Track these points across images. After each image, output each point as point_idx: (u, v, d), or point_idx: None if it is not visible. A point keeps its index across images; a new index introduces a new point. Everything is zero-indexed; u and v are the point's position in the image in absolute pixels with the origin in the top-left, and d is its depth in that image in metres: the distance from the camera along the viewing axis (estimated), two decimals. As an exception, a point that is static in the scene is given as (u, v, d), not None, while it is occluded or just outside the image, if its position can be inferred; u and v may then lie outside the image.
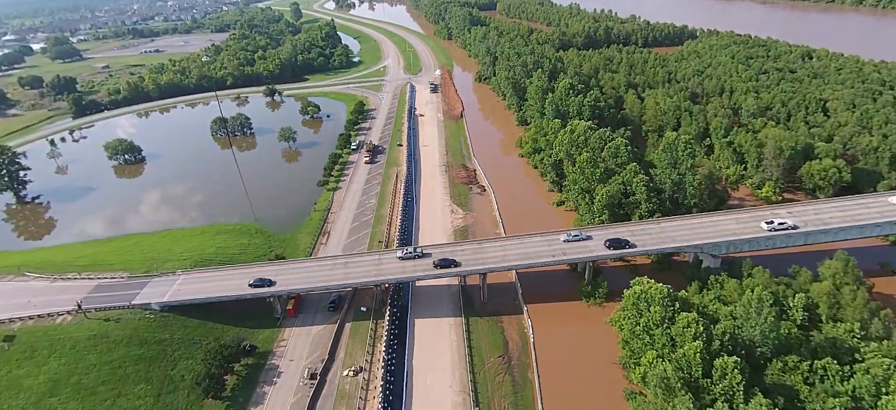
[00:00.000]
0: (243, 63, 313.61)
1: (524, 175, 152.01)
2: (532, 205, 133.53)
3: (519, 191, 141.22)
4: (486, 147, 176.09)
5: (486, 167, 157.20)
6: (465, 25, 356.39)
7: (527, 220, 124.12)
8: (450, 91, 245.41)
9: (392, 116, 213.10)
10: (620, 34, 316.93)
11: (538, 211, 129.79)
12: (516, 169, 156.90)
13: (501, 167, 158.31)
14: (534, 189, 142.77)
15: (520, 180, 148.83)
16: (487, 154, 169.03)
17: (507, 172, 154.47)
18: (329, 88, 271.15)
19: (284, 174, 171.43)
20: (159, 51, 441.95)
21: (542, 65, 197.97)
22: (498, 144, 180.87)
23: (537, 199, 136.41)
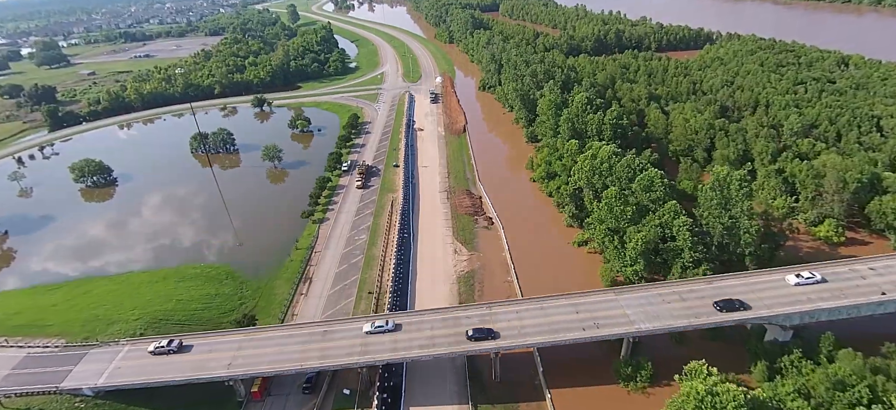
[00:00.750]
0: (233, 70, 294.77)
1: (537, 204, 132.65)
2: (549, 244, 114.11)
3: (532, 226, 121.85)
4: (492, 168, 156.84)
5: (494, 193, 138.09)
6: (467, 29, 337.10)
7: (544, 267, 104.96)
8: (451, 101, 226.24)
9: (388, 131, 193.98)
10: (632, 38, 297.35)
11: (557, 253, 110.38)
12: (528, 196, 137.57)
13: (510, 194, 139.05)
14: (549, 222, 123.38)
15: (532, 211, 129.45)
16: (494, 177, 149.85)
17: (518, 200, 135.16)
18: (322, 98, 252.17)
19: (267, 199, 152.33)
20: (149, 56, 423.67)
21: (553, 75, 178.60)
22: (505, 165, 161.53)
23: (554, 237, 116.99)
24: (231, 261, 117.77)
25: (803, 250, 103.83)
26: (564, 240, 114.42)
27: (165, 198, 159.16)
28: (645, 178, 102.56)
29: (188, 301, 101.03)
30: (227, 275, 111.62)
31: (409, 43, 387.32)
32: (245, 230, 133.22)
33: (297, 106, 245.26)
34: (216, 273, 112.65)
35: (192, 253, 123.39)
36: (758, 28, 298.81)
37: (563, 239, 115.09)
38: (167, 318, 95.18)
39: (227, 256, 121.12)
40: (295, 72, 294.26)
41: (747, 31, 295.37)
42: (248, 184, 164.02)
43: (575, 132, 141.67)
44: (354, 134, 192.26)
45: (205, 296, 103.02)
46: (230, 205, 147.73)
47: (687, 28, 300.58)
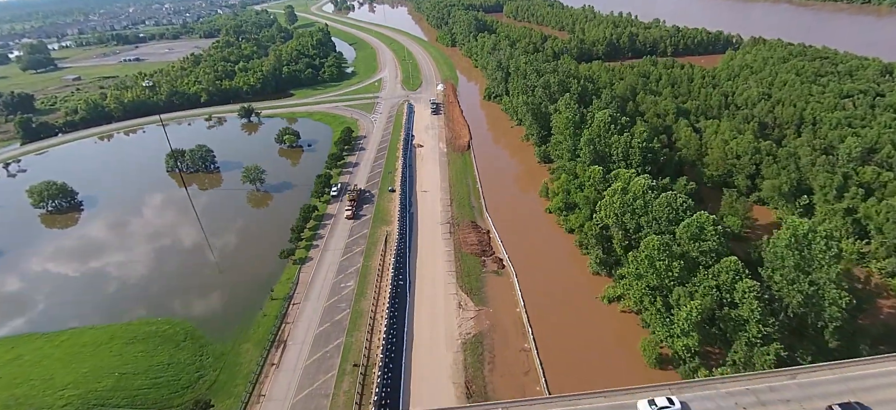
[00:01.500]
0: (221, 76, 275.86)
1: (555, 242, 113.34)
2: (572, 298, 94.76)
3: (551, 272, 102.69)
4: (501, 194, 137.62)
5: (503, 227, 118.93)
6: (471, 32, 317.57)
7: (569, 330, 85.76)
8: (454, 111, 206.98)
9: (384, 147, 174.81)
10: (646, 42, 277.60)
11: (584, 312, 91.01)
12: (543, 231, 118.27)
13: (523, 227, 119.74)
14: (571, 267, 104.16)
15: (550, 251, 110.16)
16: (503, 205, 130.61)
17: (532, 237, 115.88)
18: (315, 107, 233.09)
19: (244, 230, 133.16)
20: (140, 59, 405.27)
21: (568, 86, 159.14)
22: (516, 190, 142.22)
23: (580, 288, 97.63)
24: (196, 315, 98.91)
25: (884, 311, 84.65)
26: (591, 292, 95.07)
27: (132, 226, 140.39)
28: (693, 224, 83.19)
29: (134, 375, 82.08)
30: (186, 335, 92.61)
31: (409, 46, 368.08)
32: (214, 272, 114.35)
33: (288, 115, 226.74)
34: (174, 331, 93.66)
35: (154, 302, 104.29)
36: (775, 31, 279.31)
37: (590, 291, 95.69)
38: (104, 402, 76.38)
39: (194, 305, 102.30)
40: (287, 79, 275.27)
41: (763, 32, 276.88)
42: (225, 211, 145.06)
43: (597, 155, 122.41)
44: (347, 150, 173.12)
45: (155, 367, 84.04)
46: (203, 237, 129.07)
47: (705, 31, 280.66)
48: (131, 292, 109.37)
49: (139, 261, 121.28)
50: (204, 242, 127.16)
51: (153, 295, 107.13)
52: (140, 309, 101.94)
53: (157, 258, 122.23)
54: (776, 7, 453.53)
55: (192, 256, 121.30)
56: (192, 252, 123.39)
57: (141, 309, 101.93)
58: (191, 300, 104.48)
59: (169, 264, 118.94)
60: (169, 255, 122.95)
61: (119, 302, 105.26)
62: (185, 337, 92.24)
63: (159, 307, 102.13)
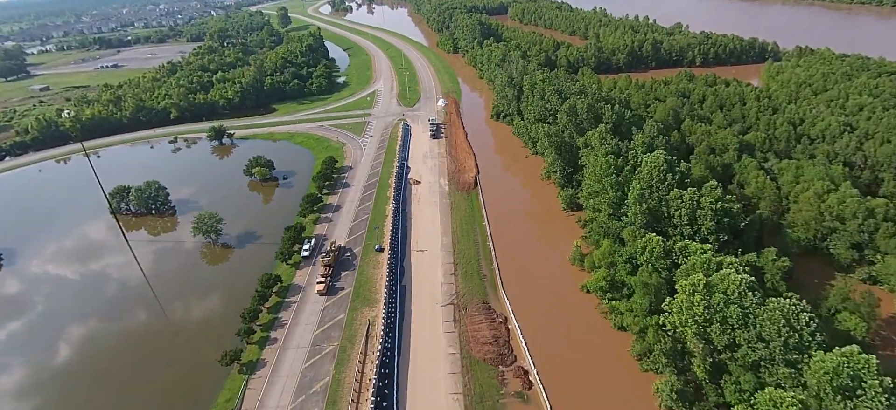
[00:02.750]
0: (196, 88, 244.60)
1: (601, 344, 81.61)
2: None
3: (602, 401, 71.36)
4: (520, 256, 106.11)
5: (526, 312, 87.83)
6: (475, 38, 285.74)
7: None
8: (457, 135, 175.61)
9: (373, 183, 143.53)
10: (672, 50, 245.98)
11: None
12: (582, 320, 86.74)
13: (553, 313, 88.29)
14: (631, 394, 72.52)
15: (596, 361, 78.37)
16: (524, 275, 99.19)
17: (567, 331, 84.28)
18: (298, 127, 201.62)
19: (189, 310, 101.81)
20: (117, 66, 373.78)
21: (600, 113, 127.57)
22: (539, 248, 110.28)
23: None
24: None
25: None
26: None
27: (55, 293, 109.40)
28: (840, 369, 51.91)
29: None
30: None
31: (407, 52, 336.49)
32: (130, 386, 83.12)
33: (267, 137, 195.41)
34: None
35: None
36: (807, 36, 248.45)
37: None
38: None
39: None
40: (271, 91, 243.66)
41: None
42: (168, 276, 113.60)
43: (651, 215, 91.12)
44: (327, 187, 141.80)
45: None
46: (134, 320, 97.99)
47: (737, 38, 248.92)
48: (37, 399, 78.36)
49: (51, 355, 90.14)
50: (135, 327, 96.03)
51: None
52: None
53: (72, 345, 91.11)
54: (792, 9, 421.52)
55: (114, 356, 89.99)
56: (114, 349, 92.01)
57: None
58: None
59: (85, 357, 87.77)
60: (88, 342, 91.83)
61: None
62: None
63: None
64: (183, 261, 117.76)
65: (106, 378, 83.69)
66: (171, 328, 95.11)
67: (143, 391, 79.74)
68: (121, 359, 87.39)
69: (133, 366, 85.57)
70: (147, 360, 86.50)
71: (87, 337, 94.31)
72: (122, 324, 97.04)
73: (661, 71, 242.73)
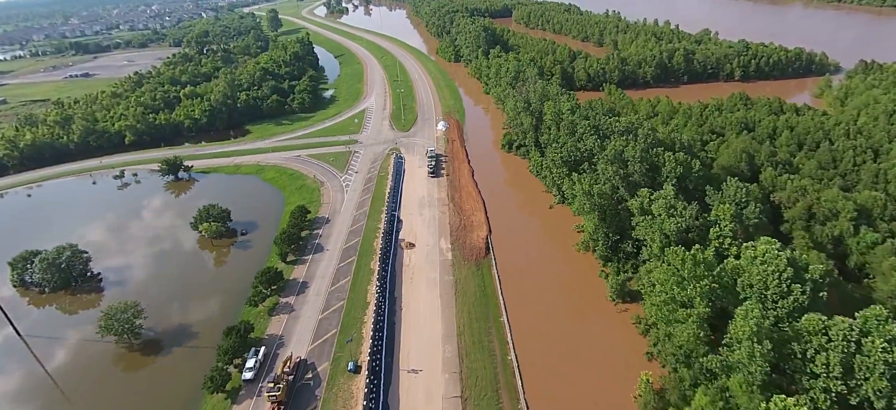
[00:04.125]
0: (159, 106, 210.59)
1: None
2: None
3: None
4: (561, 386, 72.10)
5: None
6: (479, 46, 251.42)
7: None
8: (461, 172, 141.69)
9: (354, 245, 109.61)
10: (707, 62, 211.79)
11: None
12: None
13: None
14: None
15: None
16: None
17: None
18: (271, 157, 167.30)
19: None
20: (88, 75, 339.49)
21: (657, 164, 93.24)
22: (588, 373, 75.47)
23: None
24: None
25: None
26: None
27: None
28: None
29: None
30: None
31: (404, 60, 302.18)
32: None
33: (232, 169, 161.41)
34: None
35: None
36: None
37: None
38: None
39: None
40: (244, 110, 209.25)
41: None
42: (84, 381, 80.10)
43: (776, 353, 57.16)
44: (293, 253, 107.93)
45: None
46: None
47: (781, 49, 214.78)
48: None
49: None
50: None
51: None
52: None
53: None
54: (816, 11, 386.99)
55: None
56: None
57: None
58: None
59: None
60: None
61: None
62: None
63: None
64: (91, 373, 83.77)
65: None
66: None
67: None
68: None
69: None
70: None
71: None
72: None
73: (695, 86, 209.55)
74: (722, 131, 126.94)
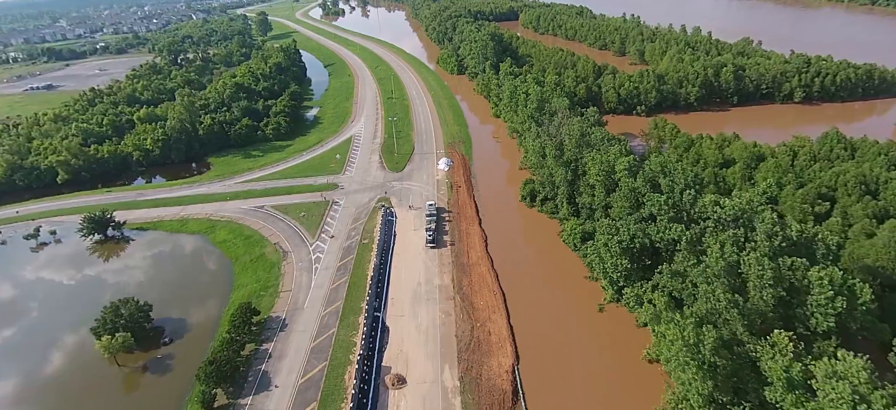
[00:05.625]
0: (106, 132, 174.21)
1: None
2: None
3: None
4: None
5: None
6: (487, 58, 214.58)
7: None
8: (471, 241, 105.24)
9: (315, 378, 73.19)
10: (762, 80, 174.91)
11: None
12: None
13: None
14: None
15: None
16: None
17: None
18: (227, 208, 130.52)
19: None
20: (51, 87, 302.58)
21: (797, 284, 56.91)
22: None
23: None
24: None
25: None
26: None
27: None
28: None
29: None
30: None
31: (401, 72, 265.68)
32: None
33: (177, 226, 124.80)
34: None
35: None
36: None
37: None
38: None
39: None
40: (209, 138, 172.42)
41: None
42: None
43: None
44: (225, 393, 71.75)
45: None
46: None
47: (848, 65, 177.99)
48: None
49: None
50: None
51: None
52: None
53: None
54: (847, 15, 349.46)
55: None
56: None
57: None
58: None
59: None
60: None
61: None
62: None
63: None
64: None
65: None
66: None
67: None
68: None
69: None
70: None
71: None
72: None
73: (747, 109, 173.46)
74: (831, 194, 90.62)
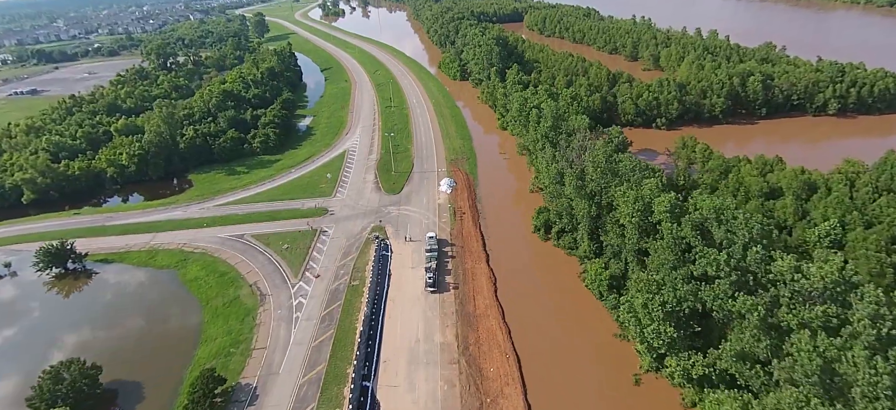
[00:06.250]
0: (80, 145, 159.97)
1: None
2: None
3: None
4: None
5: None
6: (493, 64, 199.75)
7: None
8: (477, 287, 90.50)
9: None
10: (792, 90, 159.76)
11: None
12: None
13: None
14: None
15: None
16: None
17: None
18: (202, 236, 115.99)
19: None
20: (36, 92, 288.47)
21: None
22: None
23: None
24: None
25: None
26: None
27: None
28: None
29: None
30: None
31: (401, 77, 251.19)
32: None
33: (146, 259, 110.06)
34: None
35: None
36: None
37: None
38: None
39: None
40: (191, 151, 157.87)
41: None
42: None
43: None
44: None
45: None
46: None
47: (887, 73, 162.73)
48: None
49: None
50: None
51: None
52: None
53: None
54: (868, 18, 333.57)
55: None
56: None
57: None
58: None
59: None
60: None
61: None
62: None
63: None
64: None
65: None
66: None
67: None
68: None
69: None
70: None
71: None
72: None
73: (776, 121, 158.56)
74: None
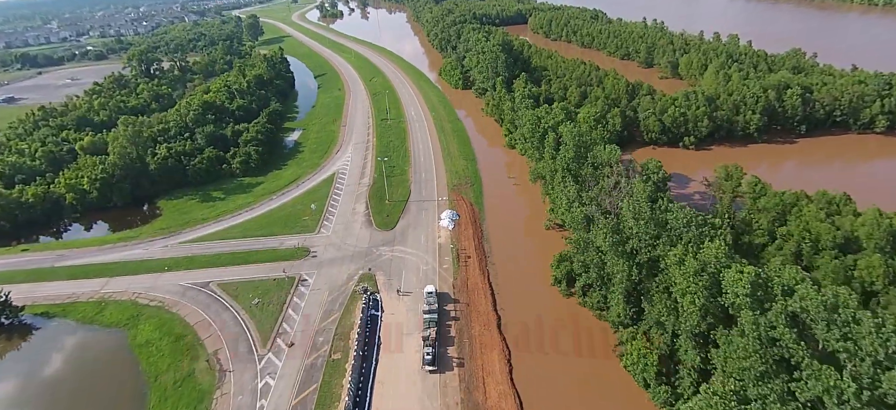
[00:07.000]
0: (39, 167, 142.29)
1: None
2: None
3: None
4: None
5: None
6: (499, 73, 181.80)
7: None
8: (487, 365, 72.78)
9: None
10: (835, 106, 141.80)
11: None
12: None
13: None
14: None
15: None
16: None
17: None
18: (161, 283, 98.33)
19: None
20: (13, 100, 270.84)
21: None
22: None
23: None
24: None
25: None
26: None
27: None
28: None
29: None
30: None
31: (399, 86, 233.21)
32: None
33: (93, 314, 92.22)
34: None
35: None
36: None
37: None
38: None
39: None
40: (162, 173, 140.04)
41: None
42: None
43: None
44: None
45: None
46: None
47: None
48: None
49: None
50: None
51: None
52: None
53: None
54: (873, 19, 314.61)
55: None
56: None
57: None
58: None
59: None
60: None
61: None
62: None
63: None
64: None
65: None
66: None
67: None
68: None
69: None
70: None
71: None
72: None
73: (818, 140, 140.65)
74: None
